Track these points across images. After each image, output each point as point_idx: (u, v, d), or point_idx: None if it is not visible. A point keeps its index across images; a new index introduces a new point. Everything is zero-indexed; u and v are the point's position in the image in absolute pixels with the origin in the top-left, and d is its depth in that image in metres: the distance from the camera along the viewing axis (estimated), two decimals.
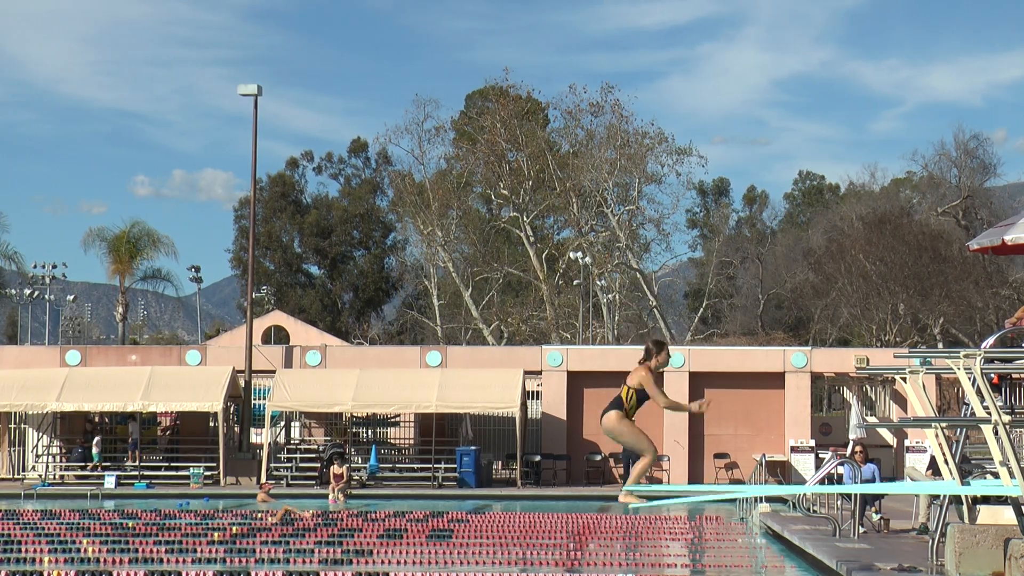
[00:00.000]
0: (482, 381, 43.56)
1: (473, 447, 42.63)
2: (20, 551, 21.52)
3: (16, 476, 44.54)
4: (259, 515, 30.28)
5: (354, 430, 46.97)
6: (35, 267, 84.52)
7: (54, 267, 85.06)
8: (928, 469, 27.40)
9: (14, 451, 45.80)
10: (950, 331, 74.62)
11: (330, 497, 37.23)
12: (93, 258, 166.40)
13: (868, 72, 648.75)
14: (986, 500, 16.53)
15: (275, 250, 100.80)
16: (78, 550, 21.62)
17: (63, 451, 45.30)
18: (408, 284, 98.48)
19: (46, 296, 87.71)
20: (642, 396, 17.29)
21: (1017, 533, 14.67)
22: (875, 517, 24.58)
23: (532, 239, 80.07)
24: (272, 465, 43.17)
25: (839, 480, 26.56)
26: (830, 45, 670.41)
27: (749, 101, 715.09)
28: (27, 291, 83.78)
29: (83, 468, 43.68)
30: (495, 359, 46.76)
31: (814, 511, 26.37)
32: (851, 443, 37.91)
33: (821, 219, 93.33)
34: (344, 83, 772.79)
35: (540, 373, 45.46)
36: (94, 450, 43.94)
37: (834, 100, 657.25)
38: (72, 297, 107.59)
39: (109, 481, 41.57)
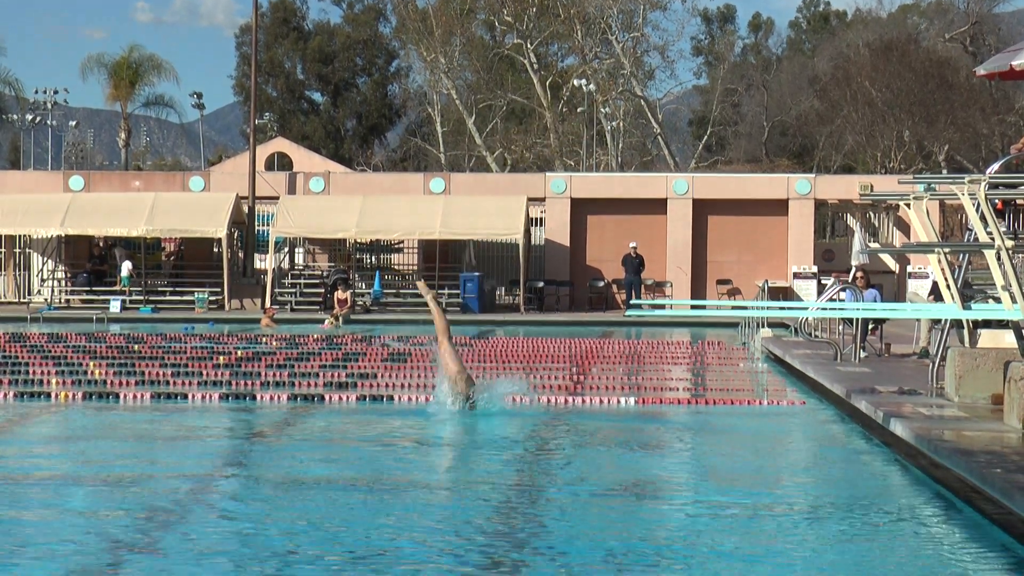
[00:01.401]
0: (486, 208, 43.53)
1: (476, 273, 42.68)
2: (28, 372, 21.74)
3: (22, 300, 44.82)
4: (263, 339, 30.51)
5: (358, 256, 47.06)
6: (36, 93, 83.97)
7: (55, 92, 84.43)
8: (930, 295, 27.51)
9: (19, 275, 46.01)
10: (955, 158, 74.43)
11: (325, 322, 37.20)
12: (94, 84, 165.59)
13: None
14: (987, 324, 16.62)
15: (278, 77, 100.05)
16: (85, 372, 21.83)
17: (68, 276, 45.49)
18: (411, 111, 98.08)
19: (48, 122, 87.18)
20: None
21: (1017, 356, 14.76)
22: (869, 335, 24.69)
23: (536, 66, 79.53)
24: (276, 291, 43.36)
25: None
26: None
27: None
28: (28, 117, 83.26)
29: (89, 292, 43.89)
30: (499, 186, 46.70)
31: (816, 336, 26.54)
32: (853, 269, 37.97)
33: (827, 46, 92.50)
34: None
35: (544, 200, 45.42)
36: (123, 272, 44.05)
37: None
38: (74, 123, 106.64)
39: (114, 305, 41.76)
